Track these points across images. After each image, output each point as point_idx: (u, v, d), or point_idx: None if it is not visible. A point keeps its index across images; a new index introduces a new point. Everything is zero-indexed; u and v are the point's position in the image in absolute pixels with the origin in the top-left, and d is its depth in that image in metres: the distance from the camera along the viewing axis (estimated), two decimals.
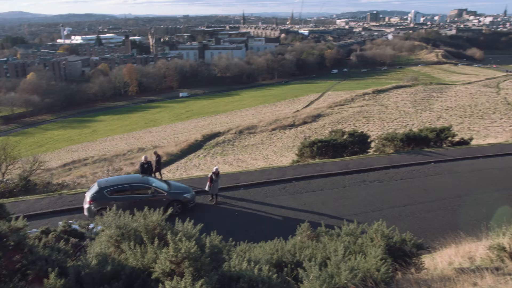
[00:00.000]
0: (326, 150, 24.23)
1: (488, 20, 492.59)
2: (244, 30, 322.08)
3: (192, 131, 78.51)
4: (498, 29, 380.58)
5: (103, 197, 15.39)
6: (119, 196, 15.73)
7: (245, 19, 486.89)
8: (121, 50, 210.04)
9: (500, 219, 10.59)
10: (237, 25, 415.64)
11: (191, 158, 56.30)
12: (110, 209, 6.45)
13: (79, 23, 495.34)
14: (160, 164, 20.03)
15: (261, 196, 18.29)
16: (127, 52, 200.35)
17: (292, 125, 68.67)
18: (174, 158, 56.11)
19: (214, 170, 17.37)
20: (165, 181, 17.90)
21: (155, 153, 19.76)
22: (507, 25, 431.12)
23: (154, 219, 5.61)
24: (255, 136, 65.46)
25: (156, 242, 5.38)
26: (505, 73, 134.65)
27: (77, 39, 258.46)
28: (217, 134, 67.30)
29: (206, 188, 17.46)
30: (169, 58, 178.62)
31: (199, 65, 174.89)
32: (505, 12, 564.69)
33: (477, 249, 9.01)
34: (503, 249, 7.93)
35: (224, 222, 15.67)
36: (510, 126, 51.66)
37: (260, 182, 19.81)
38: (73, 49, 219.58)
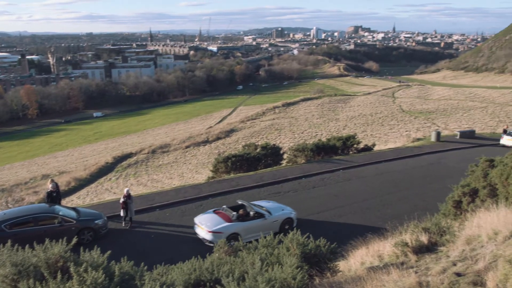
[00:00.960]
0: (241, 164, 24.46)
1: (380, 36, 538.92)
2: (152, 48, 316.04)
3: (102, 153, 74.76)
4: (390, 44, 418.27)
5: (0, 232, 13.91)
6: (20, 229, 14.30)
7: (152, 37, 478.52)
8: (17, 70, 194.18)
9: None
10: (144, 43, 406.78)
11: (102, 181, 53.48)
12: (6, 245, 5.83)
13: None
14: (59, 193, 18.42)
15: (178, 215, 17.86)
16: (24, 72, 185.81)
17: (206, 142, 68.42)
18: (84, 183, 52.85)
19: (125, 192, 16.58)
20: (74, 209, 16.71)
21: (52, 181, 18.17)
22: (396, 41, 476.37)
23: (56, 251, 5.15)
24: (169, 155, 64.10)
25: (59, 276, 4.94)
26: (398, 84, 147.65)
27: None
28: (129, 155, 64.78)
29: (121, 214, 16.62)
30: (72, 78, 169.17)
31: (106, 85, 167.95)
32: (394, 29, 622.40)
33: (385, 247, 9.58)
34: (406, 244, 8.53)
35: (140, 246, 15.00)
36: (406, 131, 56.43)
37: (176, 202, 19.36)
38: None
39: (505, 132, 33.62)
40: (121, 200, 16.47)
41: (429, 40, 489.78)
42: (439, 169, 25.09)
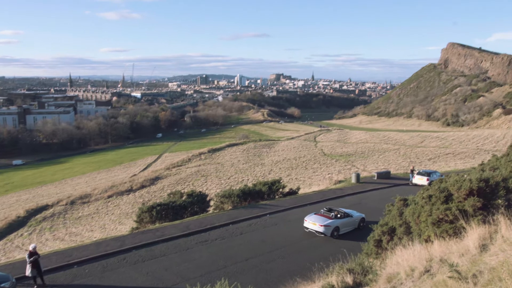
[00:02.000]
0: (166, 213, 23.77)
1: (301, 83, 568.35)
2: (72, 94, 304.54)
3: (14, 206, 68.66)
4: (310, 91, 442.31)
5: None
6: None
7: (72, 82, 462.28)
8: None
9: None
10: (63, 88, 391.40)
11: (12, 238, 48.80)
12: None
13: None
14: None
15: (98, 271, 16.70)
16: None
17: (130, 190, 65.83)
18: None
19: (31, 249, 15.18)
20: None
21: None
22: (316, 88, 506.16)
23: None
24: (90, 206, 60.56)
25: None
26: (319, 128, 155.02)
27: None
28: (45, 207, 60.18)
29: (27, 273, 15.07)
30: None
31: (19, 132, 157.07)
32: (313, 77, 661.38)
33: None
34: (333, 287, 8.70)
35: None
36: (329, 174, 58.73)
37: (96, 256, 18.15)
38: None
39: (412, 172, 36.29)
40: (29, 258, 14.99)
41: (345, 87, 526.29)
42: (360, 209, 26.23)
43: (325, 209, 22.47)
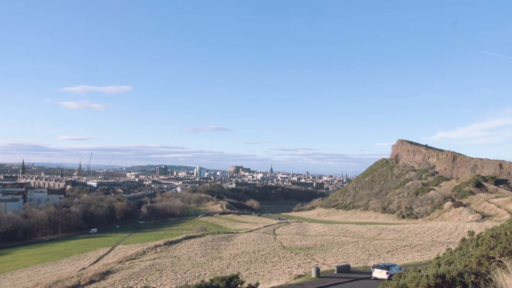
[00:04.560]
0: None
1: (259, 176, 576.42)
2: (23, 181, 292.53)
3: None
4: (268, 184, 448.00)
5: None
6: None
7: (25, 169, 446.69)
8: None
9: None
10: (15, 175, 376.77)
11: None
12: None
13: None
14: None
15: None
16: None
17: (77, 286, 61.01)
18: None
19: None
20: None
21: None
22: (274, 180, 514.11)
23: None
24: None
25: None
26: (278, 221, 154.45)
27: None
28: None
29: None
30: None
31: None
32: (271, 170, 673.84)
33: None
34: None
35: None
36: (288, 267, 57.45)
37: None
38: None
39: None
40: None
41: (303, 180, 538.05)
42: None
43: None
